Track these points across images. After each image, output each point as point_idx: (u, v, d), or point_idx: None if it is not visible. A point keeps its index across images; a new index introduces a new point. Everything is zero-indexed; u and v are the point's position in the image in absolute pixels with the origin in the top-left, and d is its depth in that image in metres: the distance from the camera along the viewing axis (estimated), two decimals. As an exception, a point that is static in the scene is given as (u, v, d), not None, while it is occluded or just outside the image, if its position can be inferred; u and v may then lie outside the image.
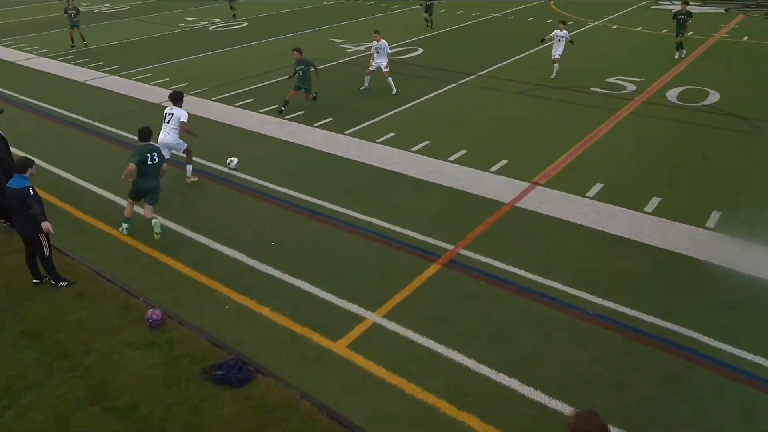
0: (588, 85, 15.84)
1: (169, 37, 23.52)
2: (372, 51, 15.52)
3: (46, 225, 7.23)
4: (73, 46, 21.46)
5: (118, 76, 17.63)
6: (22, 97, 15.65)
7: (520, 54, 18.99)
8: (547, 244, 8.46)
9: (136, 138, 9.10)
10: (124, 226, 8.91)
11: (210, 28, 25.26)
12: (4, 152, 8.68)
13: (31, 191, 7.17)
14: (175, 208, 9.63)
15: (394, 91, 15.26)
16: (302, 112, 13.98)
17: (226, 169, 10.99)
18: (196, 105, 14.71)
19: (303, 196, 9.94)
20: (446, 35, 22.91)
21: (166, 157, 9.88)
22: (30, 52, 21.13)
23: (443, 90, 15.69)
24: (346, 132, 12.78)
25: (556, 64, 16.56)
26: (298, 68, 13.88)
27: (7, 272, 7.97)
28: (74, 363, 6.32)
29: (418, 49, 20.17)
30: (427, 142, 12.09)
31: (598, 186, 10.12)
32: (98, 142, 12.58)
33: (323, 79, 14.87)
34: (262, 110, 14.22)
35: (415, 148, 11.83)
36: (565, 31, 16.46)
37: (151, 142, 8.98)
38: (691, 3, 19.90)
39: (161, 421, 5.57)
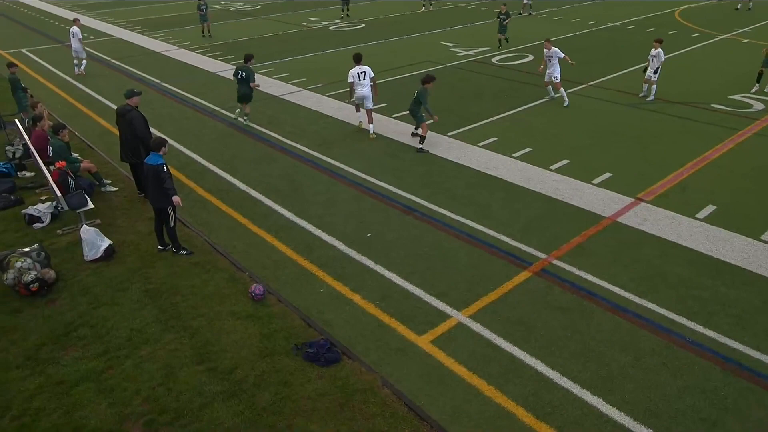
0: (709, 101, 14.57)
1: (292, 35, 24.63)
2: (544, 58, 14.61)
3: (176, 198, 7.85)
4: (203, 36, 23.93)
5: (245, 69, 18.73)
6: (164, 84, 17.11)
7: (635, 65, 17.81)
8: (647, 263, 7.91)
9: (257, 126, 9.55)
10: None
11: (330, 28, 26.13)
12: (145, 130, 9.52)
13: (165, 168, 7.81)
14: (285, 195, 10.09)
15: (566, 103, 14.34)
16: (408, 111, 14.06)
17: (331, 161, 11.33)
18: (311, 99, 15.31)
19: (401, 192, 10.03)
20: (559, 43, 21.98)
21: (368, 106, 12.66)
22: (174, 44, 23.02)
23: (549, 98, 15.11)
24: (449, 134, 12.71)
25: (646, 84, 14.89)
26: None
27: (139, 237, 8.79)
28: (185, 324, 6.85)
29: (528, 56, 19.59)
30: (528, 149, 11.73)
31: (710, 208, 9.30)
32: (224, 128, 13.46)
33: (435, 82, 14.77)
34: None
35: (516, 154, 11.52)
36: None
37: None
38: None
39: (254, 387, 5.89)
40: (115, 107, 14.93)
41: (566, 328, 6.69)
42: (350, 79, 12.50)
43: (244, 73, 12.98)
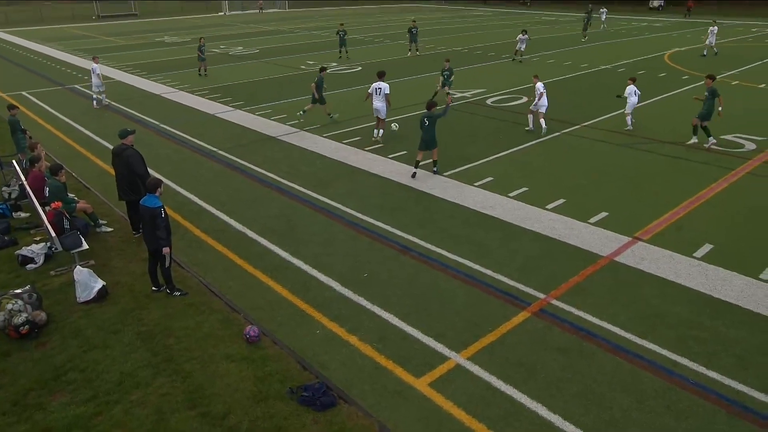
0: (701, 141, 14.81)
1: (290, 77, 25.13)
2: (536, 94, 15.66)
3: (166, 250, 7.90)
4: (200, 76, 25.29)
5: (243, 110, 19.05)
6: (162, 126, 17.33)
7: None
8: (646, 302, 7.88)
9: (254, 167, 9.65)
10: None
11: (328, 71, 26.68)
12: (142, 168, 9.62)
13: (162, 213, 7.82)
14: (280, 234, 10.09)
15: (544, 130, 15.48)
16: (405, 152, 14.26)
17: (327, 200, 11.39)
18: (307, 139, 15.51)
19: (398, 232, 10.05)
20: (553, 85, 22.55)
21: (380, 116, 14.94)
22: (173, 86, 23.44)
23: (546, 138, 15.36)
24: (445, 173, 12.83)
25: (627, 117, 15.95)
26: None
27: (133, 278, 8.73)
28: (178, 367, 6.73)
29: (522, 98, 19.99)
30: (525, 189, 11.84)
31: (708, 247, 9.33)
32: (221, 168, 13.57)
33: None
34: (367, 148, 14.68)
35: (512, 194, 11.61)
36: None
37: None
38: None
39: (247, 433, 5.74)
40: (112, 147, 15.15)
41: (566, 369, 6.60)
42: (369, 91, 15.04)
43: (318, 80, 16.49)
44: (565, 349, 6.95)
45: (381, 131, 15.14)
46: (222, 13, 65.98)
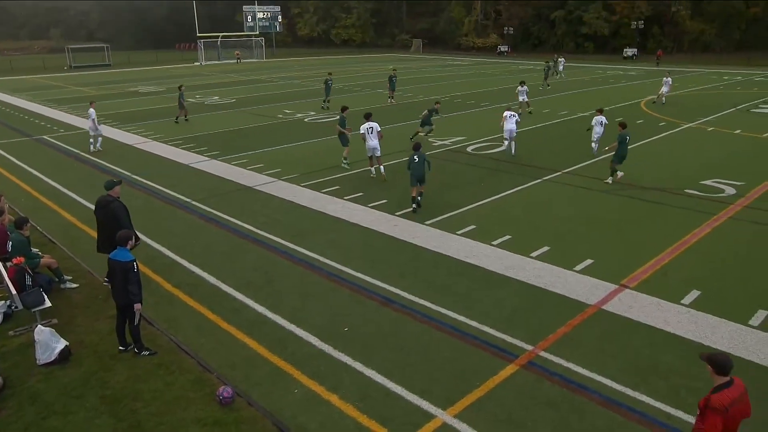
0: (682, 186, 15.26)
1: (267, 126, 25.45)
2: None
3: (138, 306, 7.73)
4: (176, 123, 26.28)
5: (219, 160, 19.13)
6: (134, 176, 17.27)
7: (607, 153, 18.69)
8: (636, 352, 7.87)
9: (229, 217, 9.61)
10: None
11: (305, 120, 27.14)
12: (128, 222, 9.65)
13: (135, 267, 7.70)
14: (257, 288, 9.96)
15: (513, 153, 18.62)
16: (385, 200, 14.38)
17: (306, 252, 11.33)
18: (285, 189, 15.56)
19: (379, 283, 9.99)
20: (532, 132, 23.20)
21: (369, 155, 16.35)
22: (146, 137, 23.52)
23: (527, 185, 15.66)
24: (427, 222, 12.92)
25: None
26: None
27: (99, 337, 8.46)
28: (145, 433, 6.44)
29: (503, 145, 20.46)
30: (508, 237, 11.95)
31: (695, 293, 9.44)
32: (194, 220, 13.48)
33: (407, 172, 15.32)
34: (346, 197, 14.77)
35: (495, 242, 11.71)
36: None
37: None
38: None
39: (220, 505, 5.46)
40: (81, 200, 15.00)
41: (558, 425, 6.49)
42: (361, 131, 16.18)
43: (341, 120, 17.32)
44: (556, 403, 6.86)
45: (382, 167, 16.32)
46: (198, 63, 67.24)
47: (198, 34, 67.81)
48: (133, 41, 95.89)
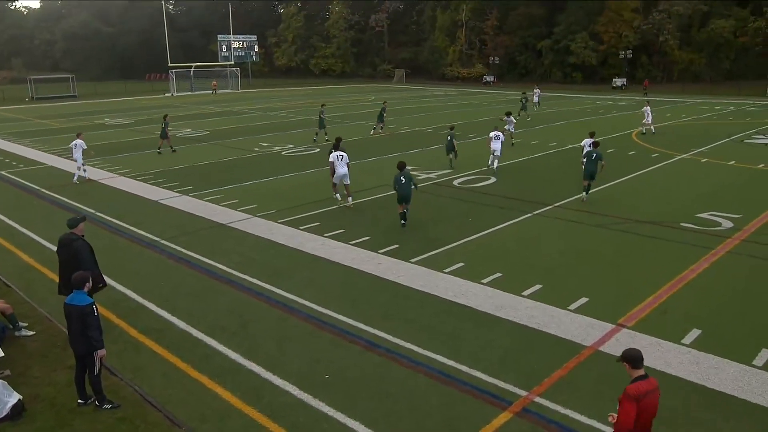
0: (677, 220, 15.51)
1: (242, 160, 25.50)
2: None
3: (101, 352, 7.54)
4: (159, 153, 27.20)
5: (191, 196, 19.04)
6: (98, 214, 17.08)
7: (601, 186, 19.06)
8: (637, 396, 7.83)
9: (201, 257, 9.53)
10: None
11: (283, 153, 27.26)
12: (92, 263, 9.48)
13: (94, 311, 7.51)
14: (231, 333, 9.79)
15: (495, 167, 21.02)
16: (368, 237, 14.37)
17: (284, 293, 11.22)
18: (261, 226, 15.50)
19: (362, 326, 9.90)
20: (520, 165, 23.56)
21: (335, 182, 17.13)
22: (112, 171, 23.40)
23: (517, 220, 15.80)
24: (412, 260, 12.91)
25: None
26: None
27: (56, 389, 8.20)
28: (105, 497, 6.19)
29: (490, 178, 20.73)
30: (498, 275, 11.97)
31: (696, 332, 9.49)
32: (163, 260, 13.31)
33: (393, 206, 15.43)
34: (326, 234, 14.74)
35: (485, 280, 11.72)
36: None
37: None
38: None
39: None
40: (40, 240, 14.76)
41: (556, 478, 6.38)
42: (331, 159, 16.98)
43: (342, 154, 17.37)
44: (553, 453, 6.76)
45: (350, 198, 17.24)
46: (169, 94, 67.64)
47: (170, 65, 68.42)
48: (100, 71, 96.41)
